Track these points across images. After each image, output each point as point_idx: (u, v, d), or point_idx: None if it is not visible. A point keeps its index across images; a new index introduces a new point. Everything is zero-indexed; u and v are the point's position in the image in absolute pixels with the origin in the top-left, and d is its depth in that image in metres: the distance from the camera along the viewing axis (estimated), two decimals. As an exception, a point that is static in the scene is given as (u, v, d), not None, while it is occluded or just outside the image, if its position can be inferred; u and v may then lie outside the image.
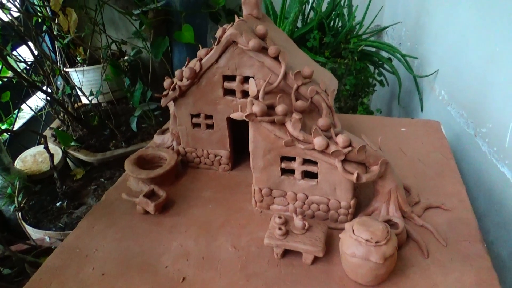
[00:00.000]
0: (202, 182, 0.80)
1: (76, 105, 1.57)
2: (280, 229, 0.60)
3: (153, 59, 1.49)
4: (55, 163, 1.29)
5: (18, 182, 1.15)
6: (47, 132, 1.45)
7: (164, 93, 0.77)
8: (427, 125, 0.97)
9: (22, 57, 1.36)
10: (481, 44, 0.91)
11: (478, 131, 0.92)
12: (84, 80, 1.61)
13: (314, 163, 0.64)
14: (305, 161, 0.65)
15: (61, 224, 1.10)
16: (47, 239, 1.04)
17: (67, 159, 1.40)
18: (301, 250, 0.59)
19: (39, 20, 1.42)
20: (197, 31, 1.48)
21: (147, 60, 1.59)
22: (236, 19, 0.72)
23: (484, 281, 0.55)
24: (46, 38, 1.58)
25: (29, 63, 1.37)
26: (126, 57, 1.66)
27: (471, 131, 0.95)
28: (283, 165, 0.66)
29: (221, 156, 0.81)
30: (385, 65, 1.28)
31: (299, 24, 1.30)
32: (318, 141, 0.60)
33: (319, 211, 0.68)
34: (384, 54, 1.32)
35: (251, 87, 0.65)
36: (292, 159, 0.66)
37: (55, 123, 1.50)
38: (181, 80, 0.74)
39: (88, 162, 1.34)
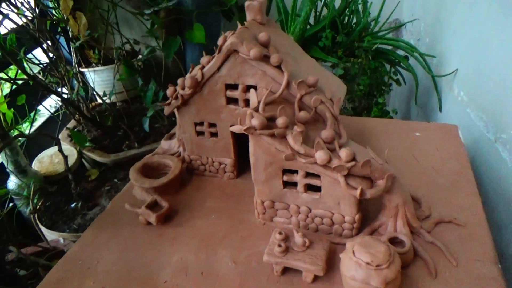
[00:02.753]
0: (206, 191, 0.79)
1: (92, 105, 1.59)
2: (279, 246, 0.58)
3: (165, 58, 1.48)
4: (70, 164, 1.31)
5: (33, 184, 1.18)
6: (64, 133, 1.48)
7: (167, 101, 0.76)
8: (444, 130, 0.93)
9: (37, 59, 1.38)
10: (503, 43, 0.86)
11: (498, 137, 0.87)
12: (99, 80, 1.62)
13: (317, 176, 0.62)
14: (308, 174, 0.63)
15: (75, 226, 1.12)
16: (61, 240, 1.06)
17: (83, 159, 1.42)
18: (301, 269, 0.57)
19: (54, 22, 1.44)
20: (209, 30, 1.47)
21: (162, 59, 1.59)
22: (239, 25, 0.69)
23: (494, 307, 0.52)
24: (62, 40, 1.60)
25: (44, 65, 1.40)
26: (140, 57, 1.66)
27: (491, 136, 0.90)
28: (285, 178, 0.64)
29: (226, 164, 0.80)
30: (401, 64, 1.23)
31: (311, 21, 1.26)
32: (320, 155, 0.58)
33: (323, 225, 0.66)
34: (401, 52, 1.27)
35: (252, 98, 0.63)
36: (295, 171, 0.64)
37: (72, 123, 1.53)
38: (183, 89, 0.73)
39: (102, 162, 1.36)
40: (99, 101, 1.67)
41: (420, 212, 0.68)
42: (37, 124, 1.64)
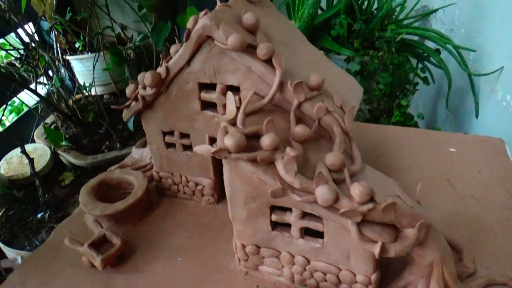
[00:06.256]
0: (177, 220, 0.61)
1: (75, 98, 1.42)
2: (260, 321, 0.40)
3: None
4: (42, 166, 1.16)
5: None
6: (40, 128, 1.31)
7: (127, 103, 0.58)
8: (486, 144, 0.73)
9: (11, 45, 1.22)
10: None
11: (560, 157, 0.67)
12: (84, 69, 1.46)
13: (319, 217, 0.44)
14: (306, 214, 0.45)
15: (37, 242, 0.96)
16: (19, 260, 0.91)
17: (61, 160, 1.26)
18: None
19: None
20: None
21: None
22: (218, 3, 0.51)
23: None
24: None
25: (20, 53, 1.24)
26: (130, 44, 1.48)
27: (548, 155, 0.70)
28: (274, 217, 0.46)
29: (204, 186, 0.62)
30: (431, 59, 1.02)
31: (323, 5, 1.07)
32: (322, 193, 0.39)
33: (326, 283, 0.48)
34: (431, 44, 1.06)
35: (229, 105, 0.45)
36: (288, 209, 0.45)
37: (51, 118, 1.37)
38: (144, 88, 0.55)
39: (79, 165, 1.19)
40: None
41: (462, 267, 0.49)
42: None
